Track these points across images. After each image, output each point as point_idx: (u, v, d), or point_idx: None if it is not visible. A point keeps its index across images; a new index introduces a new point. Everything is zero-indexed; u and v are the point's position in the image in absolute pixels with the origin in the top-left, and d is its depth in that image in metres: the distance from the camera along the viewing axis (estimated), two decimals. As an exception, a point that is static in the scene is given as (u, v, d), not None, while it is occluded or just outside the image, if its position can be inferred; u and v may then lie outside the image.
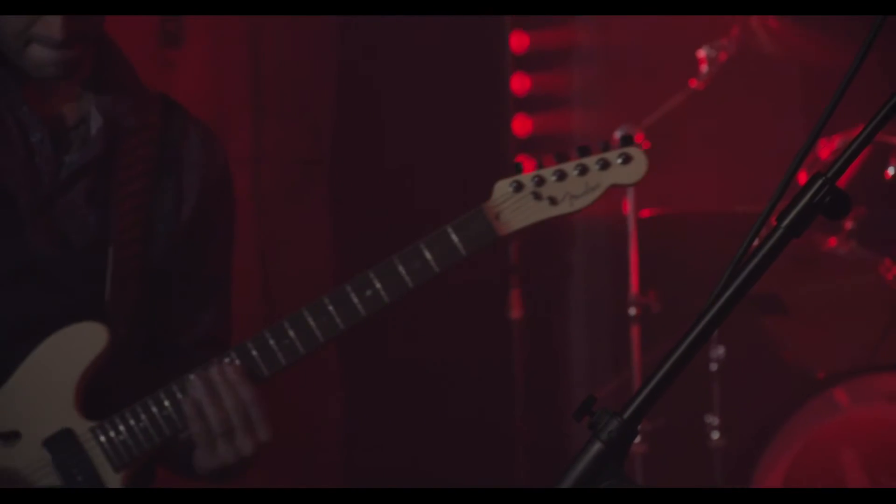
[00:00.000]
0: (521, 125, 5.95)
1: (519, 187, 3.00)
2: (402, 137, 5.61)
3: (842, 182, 1.88)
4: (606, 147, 2.99)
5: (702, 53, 5.28)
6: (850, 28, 4.67)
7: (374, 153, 5.59)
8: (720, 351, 4.97)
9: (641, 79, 5.64)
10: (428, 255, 2.94)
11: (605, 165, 2.96)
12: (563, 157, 3.00)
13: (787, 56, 5.52)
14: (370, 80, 5.59)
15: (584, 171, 2.97)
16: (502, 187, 3.02)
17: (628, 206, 5.16)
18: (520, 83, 5.96)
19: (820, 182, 1.86)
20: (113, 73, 3.07)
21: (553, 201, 2.97)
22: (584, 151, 2.99)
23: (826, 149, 4.94)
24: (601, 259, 5.82)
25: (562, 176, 2.97)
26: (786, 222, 1.85)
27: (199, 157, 3.11)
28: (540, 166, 3.00)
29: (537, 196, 2.98)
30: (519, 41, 5.96)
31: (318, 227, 5.38)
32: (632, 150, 2.98)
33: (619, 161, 2.97)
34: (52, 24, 2.89)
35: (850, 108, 2.16)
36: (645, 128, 5.12)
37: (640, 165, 2.98)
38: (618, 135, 4.97)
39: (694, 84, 5.31)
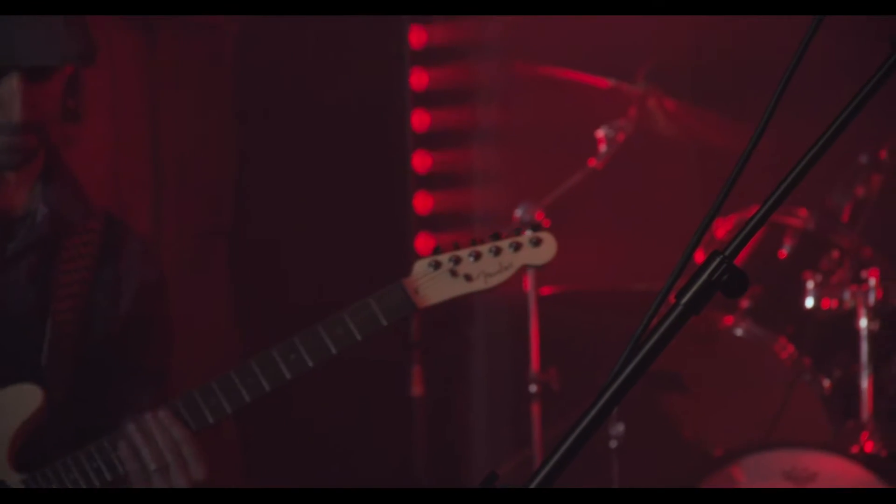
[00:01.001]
0: (422, 202, 5.97)
1: (437, 265, 3.23)
2: (304, 212, 5.61)
3: (737, 261, 1.91)
4: (519, 231, 3.25)
5: (600, 133, 5.35)
6: (745, 110, 4.76)
7: (275, 226, 5.58)
8: (620, 428, 4.99)
9: (541, 158, 5.69)
10: (350, 324, 3.15)
11: (517, 247, 3.24)
12: (478, 241, 3.26)
13: (684, 136, 5.60)
14: (271, 154, 5.59)
15: (497, 252, 3.23)
16: (422, 265, 3.25)
17: (529, 283, 5.19)
18: (421, 161, 5.99)
19: (718, 260, 1.88)
20: (62, 175, 3.27)
21: (468, 278, 3.23)
22: (498, 236, 3.26)
23: (722, 228, 5.00)
24: (502, 336, 5.84)
25: (477, 256, 3.22)
26: (685, 300, 1.87)
27: (136, 262, 3.34)
28: (456, 248, 3.23)
29: (454, 273, 3.22)
30: (420, 119, 5.99)
31: (219, 300, 5.35)
32: (542, 234, 3.25)
33: (531, 244, 3.24)
34: (9, 109, 2.99)
35: (746, 189, 2.20)
36: (545, 206, 5.16)
37: (550, 247, 3.26)
38: (518, 213, 5.01)
39: (593, 163, 5.36)
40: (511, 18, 5.95)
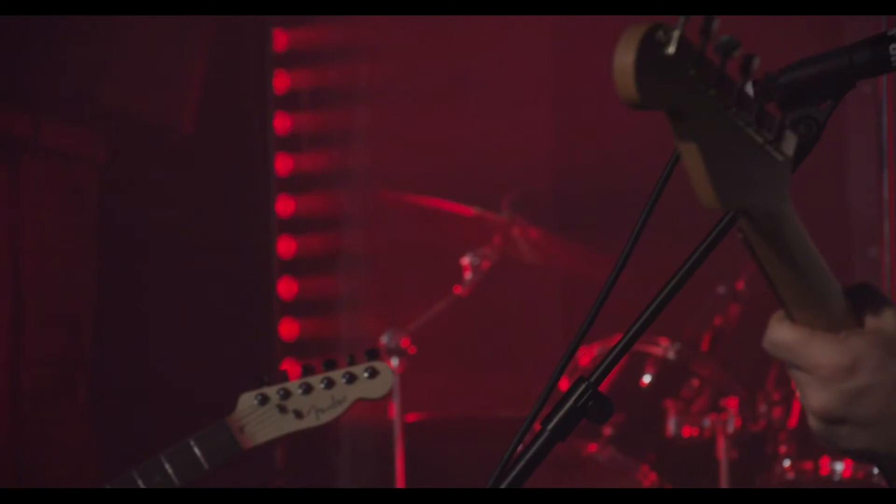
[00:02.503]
0: (288, 329, 5.96)
1: (264, 400, 3.01)
2: (168, 337, 5.56)
3: (600, 389, 1.94)
4: (353, 361, 3.02)
5: (465, 261, 5.39)
6: (608, 239, 4.84)
7: (139, 355, 5.53)
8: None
9: (407, 284, 5.72)
10: (169, 469, 2.94)
11: (351, 379, 3.00)
12: (309, 371, 3.02)
13: (547, 265, 5.67)
14: (134, 282, 5.55)
15: (330, 384, 3.00)
16: (247, 400, 3.02)
17: (394, 410, 5.19)
18: (286, 287, 5.98)
19: (583, 387, 1.91)
20: None
21: (298, 415, 3.00)
22: (332, 365, 3.03)
23: (586, 356, 5.06)
24: (367, 463, 5.81)
25: (307, 389, 3.00)
26: (550, 426, 1.89)
27: None
28: (286, 378, 3.01)
29: (282, 409, 2.99)
30: (286, 246, 6.00)
31: (78, 428, 5.27)
32: (378, 365, 3.02)
33: (366, 375, 3.01)
34: None
35: (609, 318, 2.24)
36: (410, 332, 5.18)
37: (385, 380, 3.02)
38: (384, 339, 5.02)
39: (458, 290, 5.40)
40: (376, 147, 6.01)
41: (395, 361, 4.98)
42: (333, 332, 5.97)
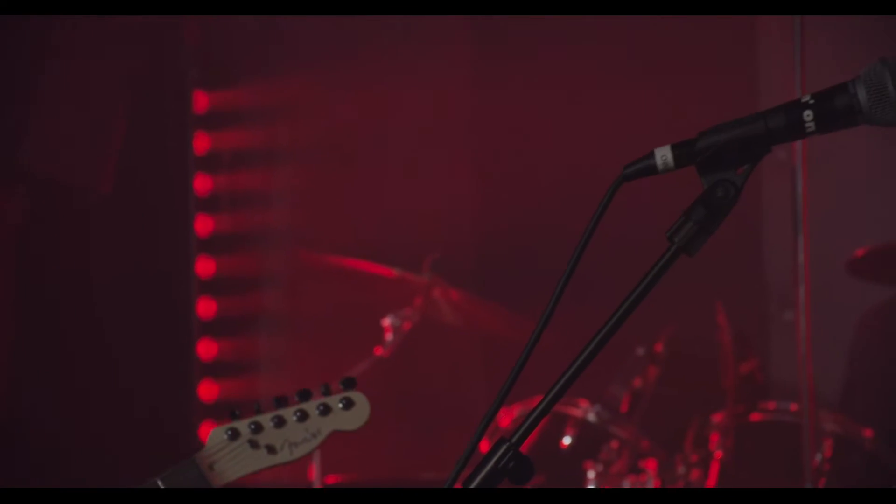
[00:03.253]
0: (207, 390, 5.93)
1: (235, 435, 2.84)
2: (84, 398, 5.52)
3: (521, 450, 1.95)
4: (328, 391, 2.87)
5: (386, 322, 5.40)
6: (528, 301, 4.86)
7: (54, 416, 5.48)
8: None
9: (327, 345, 5.71)
10: None
11: (325, 411, 2.85)
12: (282, 402, 2.86)
13: (468, 326, 5.69)
14: (51, 344, 5.51)
15: (303, 416, 2.85)
16: (217, 435, 2.85)
17: (314, 471, 5.17)
18: (206, 348, 5.96)
19: (504, 447, 1.92)
20: None
21: (271, 450, 2.84)
22: (305, 395, 2.86)
23: (507, 417, 5.07)
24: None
25: (280, 422, 2.84)
26: (472, 487, 1.90)
27: None
28: (258, 411, 2.85)
29: (254, 444, 2.84)
30: (206, 307, 5.98)
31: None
32: (354, 395, 2.88)
33: (341, 406, 2.86)
34: None
35: (530, 379, 2.25)
36: (331, 394, 5.17)
37: (362, 410, 2.89)
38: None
39: (379, 352, 5.40)
40: (297, 207, 6.02)
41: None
42: (253, 394, 5.95)
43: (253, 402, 2.78)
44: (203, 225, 6.02)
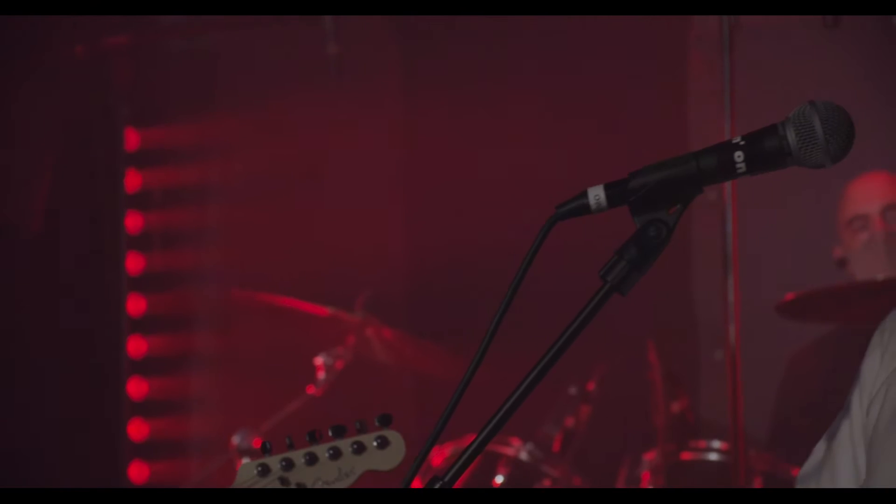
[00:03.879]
0: (138, 429, 5.89)
1: (265, 471, 2.74)
2: (13, 433, 5.47)
3: (454, 489, 1.95)
4: (363, 428, 2.76)
5: (319, 360, 5.39)
6: (461, 340, 4.87)
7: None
8: None
9: (259, 384, 5.69)
10: None
11: (359, 449, 2.73)
12: (315, 438, 2.74)
13: (401, 365, 5.68)
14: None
15: (336, 454, 2.73)
16: (247, 470, 2.75)
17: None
18: (136, 387, 5.92)
19: (437, 486, 1.92)
20: None
21: (302, 487, 2.74)
22: (339, 432, 2.74)
23: (439, 456, 5.07)
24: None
25: (312, 459, 2.73)
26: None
27: None
28: (290, 447, 2.74)
29: (284, 481, 2.74)
30: (136, 346, 5.95)
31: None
32: (389, 434, 2.74)
33: (375, 444, 2.74)
34: None
35: (463, 418, 2.26)
36: (263, 432, 5.15)
37: (398, 450, 2.73)
38: (236, 439, 4.98)
39: (311, 390, 5.39)
40: (229, 245, 6.00)
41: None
42: (184, 433, 5.91)
43: (182, 440, 2.69)
44: (134, 263, 5.99)
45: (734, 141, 2.05)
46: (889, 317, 2.17)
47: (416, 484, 3.77)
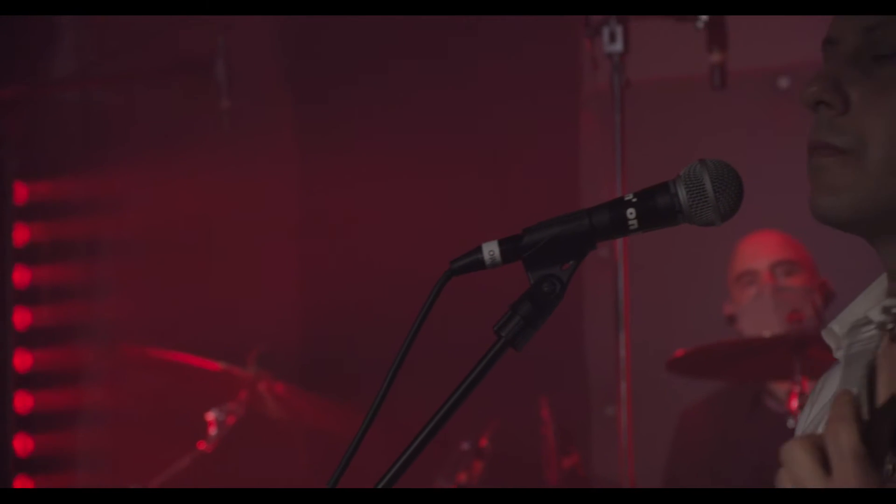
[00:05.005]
0: (23, 486, 5.80)
1: None
2: None
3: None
4: None
5: (210, 416, 5.35)
6: (356, 394, 4.86)
7: None
8: None
9: (150, 440, 5.63)
10: None
11: None
12: None
13: (293, 420, 5.66)
14: None
15: None
16: None
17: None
18: (22, 444, 5.84)
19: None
20: None
21: None
22: None
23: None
24: None
25: None
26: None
27: None
28: None
29: None
30: (22, 401, 5.87)
31: None
32: None
33: None
34: None
35: (357, 472, 2.25)
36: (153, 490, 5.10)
37: None
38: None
39: (202, 446, 5.35)
40: (119, 300, 5.95)
41: None
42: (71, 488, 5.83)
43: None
44: (21, 318, 5.92)
45: (626, 198, 2.07)
46: (823, 375, 2.20)
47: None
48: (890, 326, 1.90)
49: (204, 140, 5.86)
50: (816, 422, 2.11)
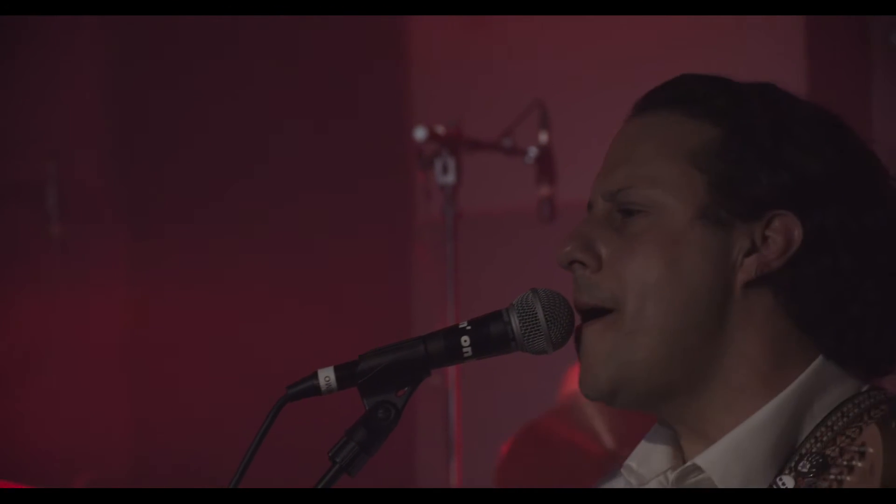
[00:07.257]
0: None
1: None
2: None
3: None
4: None
5: None
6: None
7: None
8: None
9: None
10: None
11: None
12: None
13: None
14: None
15: None
16: None
17: None
18: None
19: None
20: None
21: None
22: None
23: None
24: None
25: None
26: None
27: None
28: None
29: None
30: None
31: None
32: None
33: None
34: None
35: None
36: None
37: None
38: None
39: None
40: None
41: None
42: None
43: None
44: None
45: (461, 326, 2.10)
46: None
47: None
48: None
49: (35, 266, 5.79)
50: None
